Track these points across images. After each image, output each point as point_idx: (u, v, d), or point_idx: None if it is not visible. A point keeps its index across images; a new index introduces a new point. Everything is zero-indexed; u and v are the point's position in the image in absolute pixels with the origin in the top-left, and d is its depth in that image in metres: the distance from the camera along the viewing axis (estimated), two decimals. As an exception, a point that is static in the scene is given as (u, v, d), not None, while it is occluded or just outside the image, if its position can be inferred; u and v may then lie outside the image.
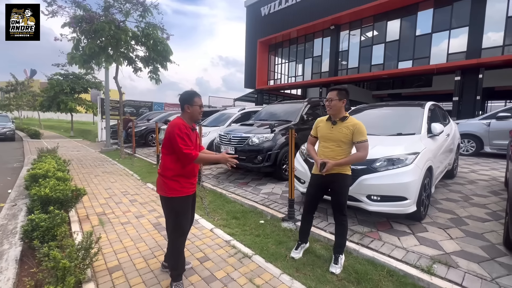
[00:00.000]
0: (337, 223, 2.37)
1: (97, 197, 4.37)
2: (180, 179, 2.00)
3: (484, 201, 3.83)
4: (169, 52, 7.80)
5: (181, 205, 2.04)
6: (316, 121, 2.48)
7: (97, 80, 17.69)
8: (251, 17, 20.74)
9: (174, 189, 1.98)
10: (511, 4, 10.50)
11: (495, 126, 7.22)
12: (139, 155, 8.80)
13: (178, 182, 1.99)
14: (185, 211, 2.07)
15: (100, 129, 13.67)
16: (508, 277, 2.09)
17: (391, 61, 14.10)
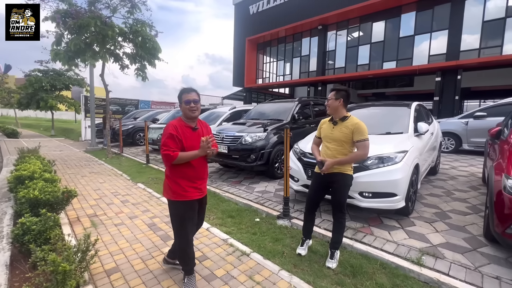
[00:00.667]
0: (336, 221, 2.43)
1: (87, 199, 4.25)
2: (181, 181, 1.94)
3: (465, 195, 4.07)
4: (157, 49, 7.65)
5: (185, 210, 1.98)
6: (320, 122, 2.55)
7: (80, 76, 17.03)
8: (240, 15, 20.67)
9: (178, 193, 1.94)
10: (487, 9, 11.11)
11: (473, 125, 7.65)
12: (127, 155, 8.60)
13: (180, 186, 1.94)
14: (189, 216, 2.00)
15: (83, 127, 13.20)
16: (489, 266, 2.26)
17: (376, 61, 14.53)
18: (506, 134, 3.17)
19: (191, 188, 1.96)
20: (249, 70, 20.37)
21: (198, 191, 2.01)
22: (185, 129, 1.94)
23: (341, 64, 16.11)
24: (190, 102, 1.92)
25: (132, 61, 7.74)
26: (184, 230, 1.99)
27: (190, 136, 1.93)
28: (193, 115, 1.95)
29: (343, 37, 15.92)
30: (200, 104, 2.02)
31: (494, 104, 7.76)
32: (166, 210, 3.74)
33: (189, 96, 1.94)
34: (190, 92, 1.96)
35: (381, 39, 14.23)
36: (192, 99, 1.93)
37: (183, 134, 1.90)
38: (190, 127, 1.96)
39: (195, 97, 1.96)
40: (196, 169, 1.98)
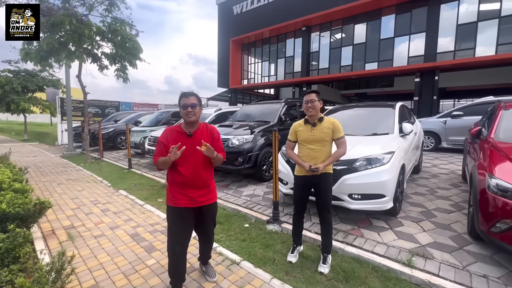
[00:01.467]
0: (324, 222, 2.41)
1: (63, 209, 3.97)
2: (172, 186, 1.94)
3: (447, 193, 4.20)
4: (138, 49, 7.37)
5: (172, 216, 1.93)
6: (294, 127, 2.48)
7: (55, 77, 16.14)
8: (223, 15, 20.48)
9: (168, 197, 1.96)
10: (460, 13, 11.67)
11: (451, 124, 7.98)
12: (107, 159, 8.21)
13: (170, 191, 1.94)
14: (176, 224, 1.92)
15: (60, 131, 12.50)
16: (476, 264, 2.30)
17: (359, 62, 14.89)
18: (486, 133, 3.28)
19: (180, 195, 1.90)
20: (234, 71, 20.23)
21: (189, 200, 1.91)
22: (178, 135, 1.90)
23: (325, 65, 16.35)
24: (187, 106, 1.86)
25: (111, 62, 7.40)
26: (170, 238, 1.94)
27: (182, 142, 1.83)
28: (189, 119, 1.88)
29: (327, 39, 16.18)
30: (199, 108, 1.92)
31: (470, 103, 8.13)
32: (150, 219, 3.56)
33: (186, 101, 1.87)
34: (188, 96, 1.89)
35: (363, 41, 14.59)
36: (190, 103, 1.86)
37: (172, 140, 1.86)
38: (184, 133, 1.91)
39: (193, 101, 1.88)
40: (186, 177, 1.89)
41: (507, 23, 10.82)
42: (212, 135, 1.99)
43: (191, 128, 1.92)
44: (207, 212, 2.03)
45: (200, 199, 1.94)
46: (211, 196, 2.01)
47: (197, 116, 1.89)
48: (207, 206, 2.00)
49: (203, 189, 1.95)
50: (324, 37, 16.30)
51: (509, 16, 10.74)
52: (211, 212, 2.07)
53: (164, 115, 9.25)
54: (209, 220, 2.09)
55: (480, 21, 11.26)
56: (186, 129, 1.92)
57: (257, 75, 20.56)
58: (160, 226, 3.34)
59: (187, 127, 1.93)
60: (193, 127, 1.93)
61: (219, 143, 2.01)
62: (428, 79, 12.40)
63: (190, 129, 1.92)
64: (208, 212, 2.04)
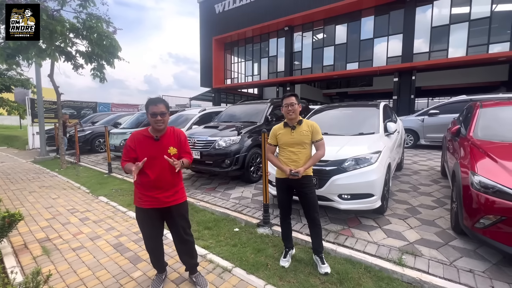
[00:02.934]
0: (314, 224, 2.39)
1: (36, 219, 3.68)
2: (138, 187, 1.97)
3: (429, 189, 4.35)
4: (117, 48, 6.99)
5: (139, 217, 2.03)
6: (274, 130, 2.46)
7: (24, 77, 15.07)
8: (205, 13, 20.13)
9: (135, 198, 2.01)
10: (434, 16, 12.26)
11: (428, 122, 8.34)
12: (84, 164, 7.77)
13: (137, 192, 1.98)
14: (143, 224, 2.03)
15: (31, 134, 11.69)
16: (462, 259, 2.38)
17: (340, 62, 15.21)
18: (465, 132, 3.42)
19: (145, 196, 1.95)
20: (217, 70, 19.96)
21: (154, 201, 1.95)
22: (144, 139, 1.92)
23: (308, 65, 16.56)
24: (156, 115, 1.86)
25: (87, 61, 6.98)
26: (143, 236, 2.09)
27: (149, 146, 1.91)
28: (158, 128, 1.91)
29: (309, 39, 16.38)
30: (168, 116, 1.96)
31: (445, 102, 8.54)
32: (133, 227, 3.38)
33: (156, 109, 1.86)
34: (157, 104, 1.87)
35: (344, 41, 14.92)
36: (159, 111, 1.86)
37: (139, 145, 1.91)
38: (151, 137, 1.94)
39: (162, 109, 1.88)
40: (152, 180, 1.90)
41: (476, 26, 11.51)
42: (179, 139, 2.03)
43: (159, 133, 1.95)
44: (176, 211, 2.04)
45: (166, 200, 1.97)
46: (179, 196, 2.04)
47: (165, 123, 1.93)
48: (175, 206, 2.02)
49: (170, 190, 1.98)
50: (306, 37, 16.50)
51: (477, 19, 11.42)
52: (180, 211, 2.07)
53: (146, 116, 8.89)
54: (180, 219, 2.09)
55: (452, 24, 11.89)
56: (153, 133, 1.94)
57: (240, 75, 20.43)
58: (145, 234, 3.16)
59: (154, 132, 1.95)
60: (160, 132, 1.95)
61: (186, 146, 2.05)
62: (406, 79, 12.92)
63: (157, 133, 1.95)
64: (177, 211, 2.05)
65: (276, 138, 2.42)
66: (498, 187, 2.24)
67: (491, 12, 11.15)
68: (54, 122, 10.27)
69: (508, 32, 11.07)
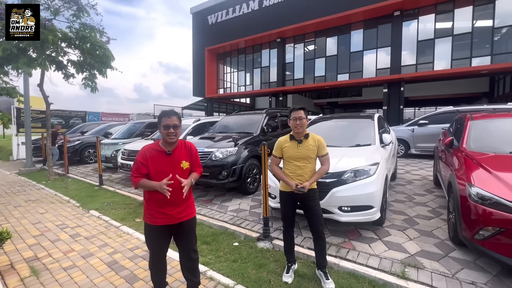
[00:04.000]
0: (318, 237, 2.35)
1: (23, 236, 3.48)
2: (149, 203, 1.91)
3: (423, 199, 4.42)
4: (110, 57, 6.91)
5: (149, 233, 1.95)
6: (280, 143, 2.45)
7: (9, 85, 14.62)
8: (198, 24, 20.34)
9: (145, 215, 1.94)
10: (420, 31, 12.83)
11: (418, 132, 8.58)
12: (74, 175, 7.50)
13: (147, 208, 1.92)
14: (152, 241, 1.95)
15: (15, 145, 11.25)
16: (464, 271, 2.40)
17: (331, 73, 15.58)
18: (458, 143, 3.52)
19: (157, 213, 1.89)
20: (210, 80, 20.03)
21: (167, 218, 1.89)
22: (156, 154, 1.87)
23: (300, 76, 16.86)
24: (169, 127, 1.83)
25: (78, 70, 6.86)
26: (150, 251, 2.01)
27: (161, 161, 1.87)
28: (170, 141, 1.87)
29: (300, 50, 16.75)
30: (180, 129, 1.92)
31: (433, 113, 8.83)
32: (128, 242, 3.25)
33: (169, 121, 1.84)
34: (170, 116, 1.86)
35: (335, 53, 15.35)
36: (172, 124, 1.84)
37: (151, 160, 1.86)
38: (163, 152, 1.88)
39: (176, 122, 1.86)
40: (164, 196, 1.82)
41: (459, 40, 12.10)
42: (190, 152, 2.01)
43: (170, 147, 1.91)
44: (187, 227, 2.01)
45: (178, 216, 1.93)
46: (190, 211, 2.01)
47: (177, 136, 1.90)
48: (186, 221, 1.98)
49: (181, 206, 1.94)
50: (298, 48, 16.88)
51: (460, 34, 12.02)
52: (191, 227, 2.05)
53: (138, 126, 8.76)
54: (191, 234, 2.05)
55: (437, 38, 12.45)
56: (164, 147, 1.90)
57: (233, 85, 20.56)
58: (141, 250, 3.05)
59: (166, 145, 1.90)
60: (172, 146, 1.92)
61: (197, 160, 2.04)
62: (395, 89, 13.33)
63: (169, 147, 1.91)
64: (188, 226, 2.02)
65: (282, 151, 2.40)
66: (495, 198, 2.29)
67: (472, 27, 11.78)
68: (42, 132, 9.94)
69: (488, 47, 11.68)
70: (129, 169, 6.35)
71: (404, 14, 12.92)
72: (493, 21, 11.40)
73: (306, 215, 2.39)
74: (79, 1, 6.15)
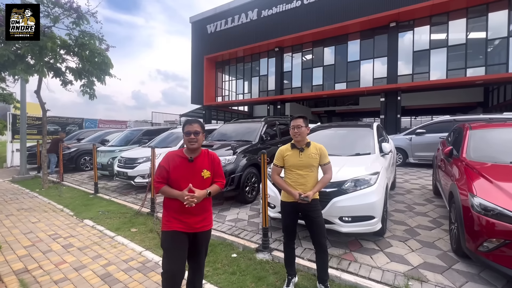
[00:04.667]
0: (321, 249, 2.29)
1: (13, 247, 3.36)
2: (168, 210, 1.92)
3: (424, 209, 4.38)
4: (108, 64, 6.91)
5: (165, 240, 1.88)
6: (281, 151, 2.41)
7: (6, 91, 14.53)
8: (197, 33, 20.58)
9: (163, 222, 1.92)
10: (415, 41, 13.09)
11: (415, 141, 8.61)
12: (68, 183, 7.37)
13: (165, 215, 1.93)
14: (169, 247, 1.85)
15: (10, 151, 11.09)
16: (468, 285, 2.33)
17: (329, 82, 15.75)
18: (458, 153, 3.51)
19: (174, 220, 1.89)
20: (208, 87, 20.13)
21: (183, 225, 1.88)
22: (179, 160, 1.92)
23: (298, 84, 17.01)
24: (190, 133, 1.91)
25: (77, 77, 6.83)
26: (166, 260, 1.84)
27: (182, 167, 1.90)
28: (191, 146, 1.92)
29: (298, 59, 16.96)
30: (202, 135, 1.96)
31: (431, 122, 8.89)
32: (123, 254, 3.15)
33: (190, 128, 1.92)
34: (192, 124, 1.94)
35: (332, 63, 15.56)
36: (193, 130, 1.91)
37: (173, 165, 1.90)
38: (186, 158, 1.93)
39: (197, 128, 1.92)
40: (182, 203, 1.82)
41: (453, 51, 12.35)
42: (213, 162, 2.02)
43: (193, 154, 1.95)
44: (201, 239, 1.97)
45: (196, 226, 1.91)
46: (207, 222, 1.98)
47: (199, 143, 1.93)
48: (202, 233, 1.96)
49: (200, 216, 1.93)
50: (296, 58, 17.09)
51: (455, 45, 12.28)
52: (205, 239, 2.01)
53: (136, 134, 8.69)
54: (203, 247, 2.01)
55: (432, 49, 12.70)
56: (187, 154, 1.95)
57: (231, 93, 20.67)
58: (136, 262, 2.95)
59: (188, 152, 1.96)
60: (194, 153, 1.96)
61: (219, 170, 2.04)
62: (392, 99, 13.48)
63: (191, 154, 1.95)
64: (203, 239, 1.98)
65: (283, 160, 2.36)
66: (498, 209, 2.26)
67: (466, 39, 12.05)
68: (37, 138, 9.83)
69: (481, 58, 11.92)
70: (125, 177, 6.26)
71: (399, 26, 13.21)
72: (486, 33, 11.68)
73: (309, 226, 2.33)
74: (79, 9, 6.18)
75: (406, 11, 12.22)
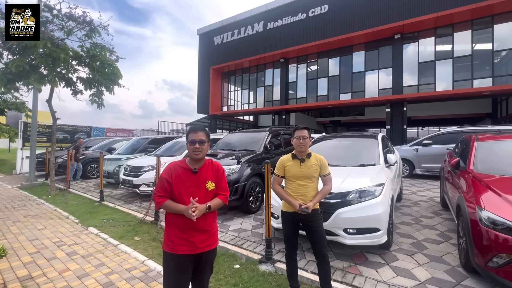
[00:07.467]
0: (323, 260, 2.26)
1: (19, 254, 3.39)
2: (170, 229, 1.75)
3: (431, 222, 4.28)
4: (118, 75, 7.12)
5: (168, 264, 1.73)
6: (282, 161, 2.42)
7: (19, 100, 14.99)
8: (204, 44, 21.07)
9: (166, 242, 1.74)
10: (420, 53, 13.13)
11: (422, 152, 8.50)
12: (75, 190, 7.46)
13: (168, 234, 1.75)
14: (171, 273, 1.71)
15: (20, 158, 11.33)
16: (478, 302, 2.25)
17: (334, 92, 15.81)
18: (465, 165, 3.45)
19: (180, 240, 1.71)
20: (214, 97, 20.41)
21: (189, 245, 1.71)
22: (182, 171, 1.76)
23: (303, 95, 17.12)
24: (195, 142, 1.75)
25: (87, 86, 7.04)
26: (167, 284, 1.73)
27: (186, 179, 1.74)
28: (196, 157, 1.76)
29: (303, 70, 17.14)
30: (207, 144, 1.81)
31: (438, 133, 8.79)
32: (126, 262, 3.15)
33: (195, 136, 1.76)
34: (197, 132, 1.78)
35: (337, 73, 15.66)
36: (198, 139, 1.75)
37: (176, 176, 1.74)
38: (189, 169, 1.77)
39: (202, 137, 1.77)
40: (186, 219, 1.67)
41: (459, 62, 12.32)
42: (217, 173, 1.85)
43: (197, 165, 1.80)
44: (206, 259, 1.81)
45: (201, 245, 1.74)
46: (212, 241, 1.81)
47: (204, 153, 1.79)
48: (207, 252, 1.78)
49: (205, 233, 1.76)
50: (301, 68, 17.28)
51: (460, 57, 12.26)
52: (210, 259, 1.85)
53: (142, 142, 8.82)
54: (208, 267, 1.85)
55: (437, 60, 12.70)
56: (191, 165, 1.79)
57: (237, 102, 20.89)
58: (138, 271, 2.94)
59: (192, 163, 1.80)
60: (198, 164, 1.81)
61: (223, 182, 1.87)
62: (398, 109, 13.42)
63: (195, 165, 1.79)
64: (208, 259, 1.82)
65: (284, 170, 2.37)
66: (507, 223, 2.20)
67: (472, 50, 12.03)
68: (47, 146, 10.04)
69: (488, 69, 11.85)
70: (130, 185, 6.31)
71: (404, 37, 13.30)
72: (492, 44, 11.65)
73: (309, 236, 2.31)
74: (92, 23, 6.44)
75: (411, 23, 12.33)
